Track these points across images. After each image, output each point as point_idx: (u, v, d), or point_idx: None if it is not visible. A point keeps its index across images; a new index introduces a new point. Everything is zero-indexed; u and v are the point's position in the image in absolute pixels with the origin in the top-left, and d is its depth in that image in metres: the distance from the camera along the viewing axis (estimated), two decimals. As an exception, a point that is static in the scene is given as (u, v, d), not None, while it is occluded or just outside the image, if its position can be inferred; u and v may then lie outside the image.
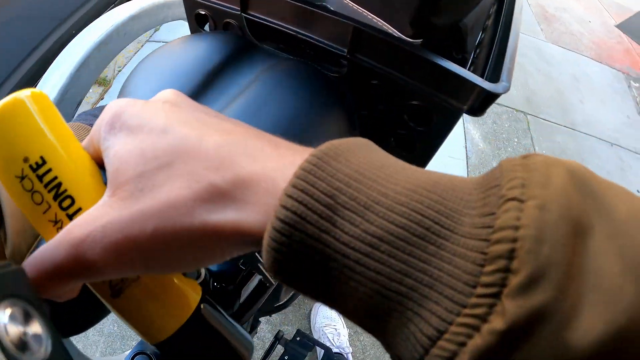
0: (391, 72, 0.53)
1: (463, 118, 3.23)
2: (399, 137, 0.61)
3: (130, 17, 1.29)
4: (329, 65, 0.60)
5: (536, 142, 3.45)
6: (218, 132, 0.31)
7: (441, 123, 0.55)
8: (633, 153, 3.96)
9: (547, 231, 0.22)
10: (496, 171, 0.27)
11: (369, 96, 0.58)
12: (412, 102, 0.55)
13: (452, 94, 0.51)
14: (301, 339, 1.32)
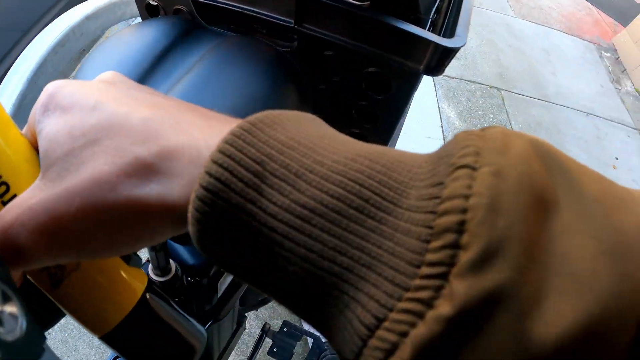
0: (342, 39, 0.52)
1: (437, 97, 3.24)
2: (360, 108, 0.60)
3: (85, 17, 1.26)
4: (281, 41, 0.59)
5: (512, 117, 3.46)
6: (148, 107, 0.29)
7: (400, 88, 0.54)
8: (609, 121, 4.00)
9: (503, 200, 0.18)
10: (450, 142, 0.23)
11: (325, 68, 0.57)
12: (369, 70, 0.53)
13: (406, 54, 0.49)
14: (288, 329, 1.31)
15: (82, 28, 1.22)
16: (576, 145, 3.56)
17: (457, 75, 3.56)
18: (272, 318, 2.07)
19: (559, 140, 3.51)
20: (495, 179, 0.18)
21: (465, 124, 3.22)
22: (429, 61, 0.48)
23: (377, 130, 0.62)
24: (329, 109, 0.63)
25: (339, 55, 0.54)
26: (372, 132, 0.63)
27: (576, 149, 3.52)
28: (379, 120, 0.60)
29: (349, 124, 0.63)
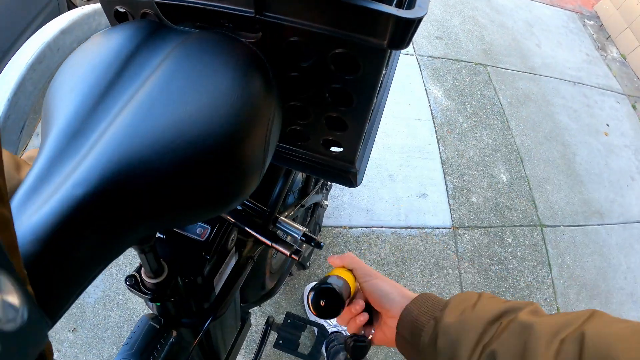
0: (304, 23, 0.52)
1: (423, 78, 3.24)
2: (333, 92, 0.60)
3: (60, 32, 1.26)
4: (247, 32, 0.59)
5: (499, 92, 3.47)
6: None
7: (368, 66, 0.54)
8: (597, 89, 4.01)
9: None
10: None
11: (292, 55, 0.58)
12: (336, 51, 0.54)
13: (369, 31, 0.49)
14: (292, 320, 1.32)
15: (58, 43, 1.22)
16: (566, 115, 3.57)
17: (441, 55, 3.56)
18: (277, 313, 2.08)
19: (548, 111, 3.52)
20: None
21: (453, 103, 3.23)
22: (392, 35, 0.48)
23: (353, 111, 0.62)
24: (303, 95, 0.64)
25: (304, 41, 0.55)
26: (348, 114, 0.64)
27: (566, 118, 3.53)
28: (354, 101, 0.60)
29: (325, 108, 0.64)
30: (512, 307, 0.58)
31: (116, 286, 2.02)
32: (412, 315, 0.68)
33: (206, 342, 0.99)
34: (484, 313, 0.59)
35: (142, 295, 0.70)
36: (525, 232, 2.73)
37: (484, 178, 2.89)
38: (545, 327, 0.50)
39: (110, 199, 0.41)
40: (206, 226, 0.80)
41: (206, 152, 0.45)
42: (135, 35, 0.55)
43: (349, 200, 2.52)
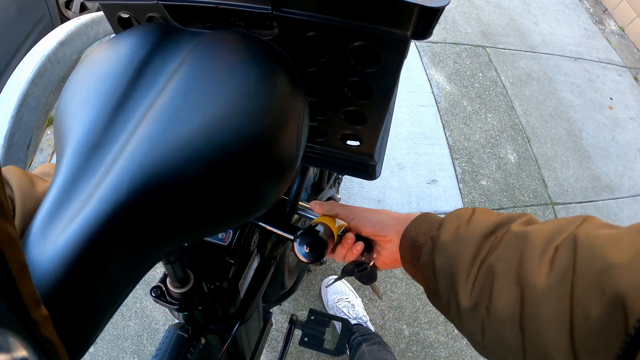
0: (323, 17, 0.50)
1: (423, 64, 3.22)
2: (352, 85, 0.58)
3: (59, 44, 1.25)
4: (261, 30, 0.57)
5: (501, 73, 3.44)
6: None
7: (390, 58, 0.52)
8: (598, 62, 3.98)
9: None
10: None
11: (310, 51, 0.56)
12: (355, 44, 0.52)
13: (391, 22, 0.48)
14: (315, 317, 1.32)
15: (58, 55, 1.20)
16: (569, 91, 3.54)
17: (440, 40, 3.53)
18: (297, 310, 2.07)
19: (551, 88, 3.49)
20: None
21: (456, 87, 3.21)
22: (416, 25, 0.46)
23: (374, 103, 0.60)
24: (321, 91, 0.62)
25: (322, 35, 0.53)
26: (368, 107, 0.62)
27: (570, 95, 3.51)
28: (374, 94, 0.59)
29: (344, 102, 0.62)
30: (506, 219, 0.59)
31: (132, 295, 2.01)
32: (411, 236, 0.69)
33: (232, 346, 0.98)
34: (478, 228, 0.59)
35: (169, 306, 0.69)
36: (537, 212, 2.71)
37: (492, 160, 2.87)
38: (539, 235, 0.51)
39: (139, 213, 0.39)
40: (228, 230, 0.78)
41: (241, 156, 0.43)
42: (146, 41, 0.53)
43: (359, 192, 2.50)
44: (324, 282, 2.14)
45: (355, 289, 2.12)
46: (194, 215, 0.44)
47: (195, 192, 0.42)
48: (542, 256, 0.48)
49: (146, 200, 0.40)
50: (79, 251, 0.36)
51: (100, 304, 0.39)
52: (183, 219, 0.43)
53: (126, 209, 0.39)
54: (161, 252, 0.45)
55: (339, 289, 2.07)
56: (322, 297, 2.12)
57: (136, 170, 0.40)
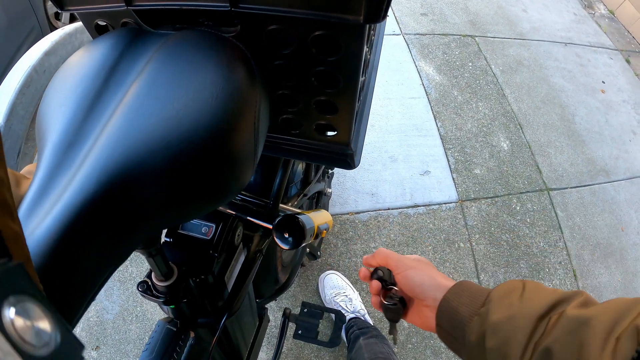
0: (280, 9, 0.52)
1: (412, 56, 3.23)
2: (318, 75, 0.60)
3: (44, 54, 1.27)
4: (227, 27, 0.59)
5: (491, 61, 3.45)
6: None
7: (349, 45, 0.54)
8: (588, 47, 3.98)
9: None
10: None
11: (274, 44, 0.58)
12: (315, 34, 0.54)
13: (344, 8, 0.49)
14: (308, 309, 1.33)
15: (44, 65, 1.22)
16: (560, 77, 3.55)
17: (428, 31, 3.54)
18: (294, 306, 2.09)
19: (542, 75, 3.50)
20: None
21: (446, 77, 3.22)
22: (367, 9, 0.49)
23: (341, 92, 0.62)
24: (289, 83, 0.64)
25: (283, 27, 0.55)
26: (336, 96, 0.64)
27: (561, 80, 3.52)
28: (340, 82, 0.60)
29: (313, 92, 0.64)
30: (561, 299, 0.57)
31: (133, 299, 2.03)
32: (451, 306, 0.67)
33: (226, 341, 1.00)
34: (532, 308, 0.57)
35: (155, 299, 0.71)
36: (532, 198, 2.73)
37: (485, 148, 2.88)
38: (598, 323, 0.49)
39: (110, 202, 0.42)
40: (210, 224, 0.80)
41: (197, 146, 0.45)
42: (117, 44, 0.55)
43: (352, 186, 2.52)
44: (320, 277, 2.16)
45: (352, 283, 2.14)
46: (160, 202, 0.46)
47: (159, 180, 0.44)
48: (603, 347, 0.46)
49: (115, 190, 0.42)
50: (56, 240, 0.38)
51: (79, 291, 0.41)
52: (150, 206, 0.45)
53: (97, 198, 0.41)
54: (135, 239, 0.47)
55: (336, 284, 2.09)
56: (320, 292, 2.13)
57: (104, 163, 0.43)
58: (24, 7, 2.66)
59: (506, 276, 2.37)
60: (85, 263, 0.41)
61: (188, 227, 0.80)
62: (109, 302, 2.01)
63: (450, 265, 2.34)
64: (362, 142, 0.83)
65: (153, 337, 0.80)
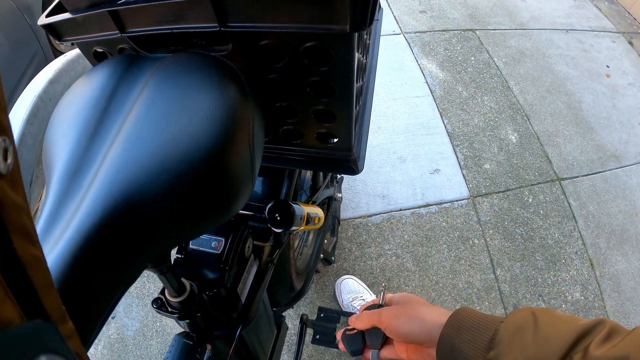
0: (267, 25, 0.53)
1: (414, 55, 3.23)
2: (313, 85, 0.61)
3: (49, 82, 1.28)
4: (219, 46, 0.61)
5: (493, 54, 3.44)
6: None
7: (340, 54, 0.55)
8: (590, 32, 3.96)
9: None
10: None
11: (267, 58, 0.59)
12: (305, 46, 0.55)
13: (329, 19, 0.50)
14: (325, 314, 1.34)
15: (49, 93, 1.24)
16: (564, 64, 3.53)
17: (428, 29, 3.54)
18: (312, 313, 2.09)
19: (545, 64, 3.49)
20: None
21: (449, 74, 3.21)
22: (352, 18, 0.49)
23: (337, 100, 0.63)
24: (285, 95, 0.65)
25: (273, 42, 0.56)
26: (333, 104, 0.65)
27: (565, 67, 3.50)
28: (335, 90, 0.61)
29: (310, 102, 0.65)
30: (582, 333, 0.51)
31: (152, 315, 2.05)
32: (452, 344, 0.60)
33: (244, 351, 1.01)
34: (550, 348, 0.51)
35: (170, 315, 0.73)
36: (544, 189, 2.71)
37: (493, 142, 2.87)
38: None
39: (116, 226, 0.43)
40: (219, 238, 0.81)
41: (193, 167, 0.47)
42: (115, 71, 0.57)
43: (363, 190, 2.52)
44: (337, 282, 2.16)
45: (368, 286, 2.14)
46: (163, 222, 0.47)
47: (160, 202, 0.46)
48: None
49: (120, 215, 0.44)
50: (68, 265, 0.40)
51: (92, 312, 0.43)
52: (154, 226, 0.47)
53: (103, 225, 0.42)
54: (143, 258, 0.49)
55: (352, 288, 2.09)
56: (337, 297, 2.13)
57: (108, 190, 0.44)
58: (26, 32, 2.69)
59: (522, 270, 2.36)
60: (97, 285, 0.43)
61: (198, 242, 0.81)
62: (128, 319, 2.03)
63: (465, 262, 2.34)
64: (365, 147, 0.83)
65: (170, 352, 0.82)
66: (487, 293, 2.25)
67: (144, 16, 0.57)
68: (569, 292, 2.32)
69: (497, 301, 2.23)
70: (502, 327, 0.57)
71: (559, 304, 2.28)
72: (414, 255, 2.32)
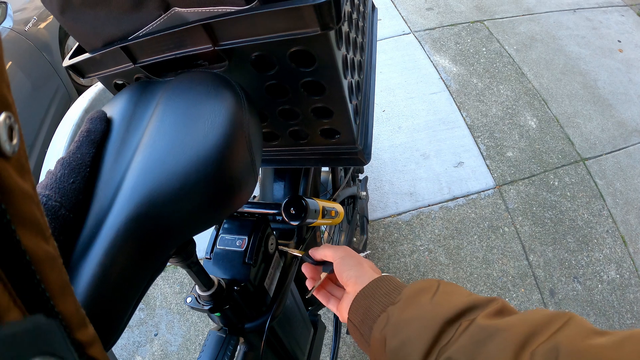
0: (252, 39, 0.60)
1: (426, 52, 3.25)
2: (306, 85, 0.67)
3: (84, 111, 1.33)
4: (218, 64, 0.68)
5: (504, 43, 3.46)
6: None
7: (322, 53, 0.61)
8: (597, 8, 3.95)
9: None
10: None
11: (263, 67, 0.65)
12: (291, 51, 0.61)
13: (301, 24, 0.56)
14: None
15: (85, 122, 1.29)
16: (575, 44, 3.53)
17: (437, 25, 3.57)
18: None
19: (557, 46, 3.49)
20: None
21: (462, 66, 3.24)
22: (320, 19, 0.55)
23: (330, 96, 0.69)
24: (284, 98, 0.71)
25: (263, 52, 0.62)
26: (327, 101, 0.70)
27: (577, 47, 3.50)
28: (325, 88, 0.67)
29: (307, 102, 0.71)
30: (474, 304, 0.53)
31: (194, 329, 2.12)
32: (365, 302, 0.63)
33: (280, 348, 1.06)
34: (441, 310, 0.53)
35: (202, 309, 0.81)
36: (569, 171, 2.72)
37: (513, 130, 2.89)
38: (511, 335, 0.45)
39: (142, 222, 0.50)
40: (243, 237, 0.88)
41: (200, 167, 0.53)
42: (131, 97, 0.64)
43: (390, 189, 2.56)
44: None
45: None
46: (179, 219, 0.54)
47: (177, 205, 0.52)
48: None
49: (144, 213, 0.51)
50: (101, 263, 0.46)
51: (116, 313, 0.49)
52: (173, 223, 0.53)
53: (132, 223, 0.50)
54: (167, 249, 0.56)
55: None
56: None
57: (133, 194, 0.52)
58: (46, 69, 2.77)
59: (555, 253, 2.37)
60: (125, 282, 0.49)
61: (223, 242, 0.88)
62: (171, 335, 2.08)
63: (497, 251, 2.36)
64: (371, 138, 0.88)
65: (205, 345, 0.89)
66: (522, 280, 2.26)
67: (151, 47, 0.65)
68: (604, 272, 2.32)
69: (533, 287, 2.24)
70: (407, 288, 0.61)
71: (594, 285, 2.28)
72: (446, 248, 2.35)
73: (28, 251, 0.24)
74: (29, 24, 2.79)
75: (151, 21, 0.64)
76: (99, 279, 0.45)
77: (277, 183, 1.12)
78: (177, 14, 0.63)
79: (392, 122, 2.89)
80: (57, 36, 2.98)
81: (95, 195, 0.53)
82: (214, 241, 0.89)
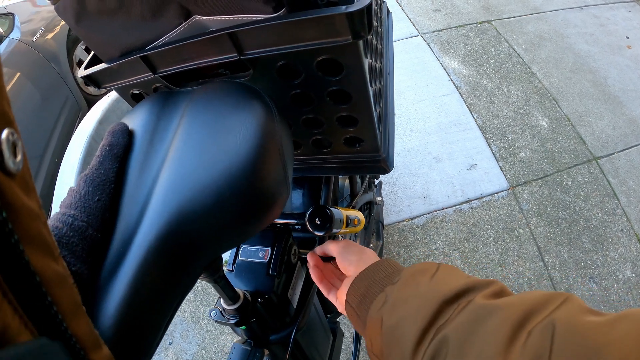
0: (278, 48, 0.58)
1: (435, 55, 3.24)
2: (332, 94, 0.66)
3: (98, 122, 1.33)
4: (241, 73, 0.66)
5: (512, 42, 3.44)
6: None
7: (350, 62, 0.60)
8: (604, 5, 3.94)
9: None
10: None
11: (286, 77, 0.64)
12: (318, 60, 0.60)
13: (332, 33, 0.55)
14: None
15: (100, 133, 1.29)
16: (584, 41, 3.52)
17: (444, 26, 3.56)
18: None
19: (565, 44, 3.48)
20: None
21: (472, 68, 3.23)
22: (352, 28, 0.54)
23: (356, 105, 0.67)
24: (309, 107, 0.70)
25: (288, 62, 0.61)
26: (353, 109, 0.69)
27: (585, 45, 3.48)
28: (352, 96, 0.65)
29: (332, 111, 0.70)
30: (473, 285, 0.52)
31: (209, 337, 2.11)
32: (364, 283, 0.64)
33: (301, 357, 1.05)
34: (440, 290, 0.53)
35: (227, 323, 0.79)
36: (582, 170, 2.70)
37: (525, 131, 2.87)
38: (508, 313, 0.44)
39: (172, 239, 0.48)
40: (266, 248, 0.87)
41: (232, 182, 0.51)
42: (153, 108, 0.62)
43: (404, 193, 2.55)
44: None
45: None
46: (211, 235, 0.52)
47: (208, 219, 0.50)
48: (511, 341, 0.41)
49: (174, 230, 0.48)
50: (132, 280, 0.44)
51: (150, 331, 0.47)
52: (204, 239, 0.52)
53: (163, 239, 0.47)
54: (198, 266, 0.54)
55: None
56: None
57: (162, 210, 0.49)
58: (54, 79, 2.78)
59: (570, 254, 2.35)
60: (157, 299, 0.47)
61: (246, 254, 0.87)
62: (186, 344, 2.08)
63: (513, 253, 2.34)
64: (393, 145, 0.87)
65: (230, 359, 0.88)
66: (538, 281, 2.25)
67: (172, 56, 0.63)
68: (620, 271, 2.30)
69: (549, 288, 2.22)
70: (406, 269, 0.61)
71: (610, 284, 2.26)
72: (461, 251, 2.33)
73: (38, 272, 0.24)
74: (36, 35, 2.80)
75: (170, 30, 0.63)
76: (129, 300, 0.43)
77: (295, 191, 1.11)
78: (198, 22, 0.61)
79: (404, 126, 2.88)
80: (64, 46, 2.99)
81: (120, 212, 0.51)
82: (236, 252, 0.88)
